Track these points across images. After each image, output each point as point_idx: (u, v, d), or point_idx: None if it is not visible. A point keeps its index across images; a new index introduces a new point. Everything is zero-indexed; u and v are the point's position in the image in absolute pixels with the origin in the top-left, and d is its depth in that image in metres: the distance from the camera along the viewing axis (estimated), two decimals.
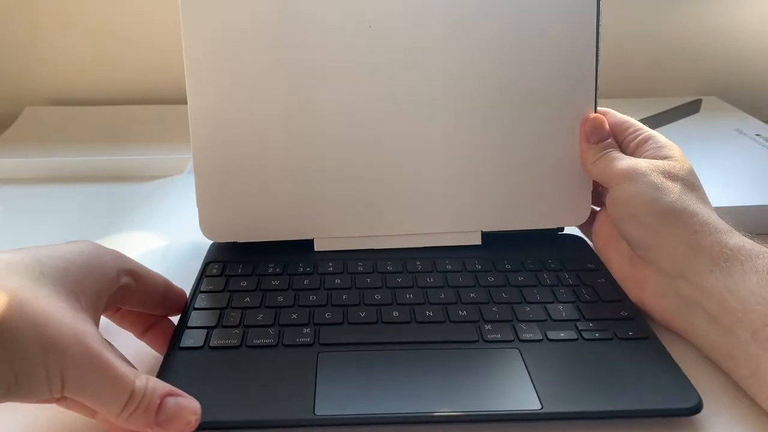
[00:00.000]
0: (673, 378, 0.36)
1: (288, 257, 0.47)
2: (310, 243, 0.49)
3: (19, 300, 0.27)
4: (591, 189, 0.49)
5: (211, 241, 0.49)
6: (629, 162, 0.44)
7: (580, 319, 0.41)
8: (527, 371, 0.37)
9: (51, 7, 0.79)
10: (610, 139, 0.47)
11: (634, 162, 0.44)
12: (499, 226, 0.49)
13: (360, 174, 0.48)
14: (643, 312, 0.43)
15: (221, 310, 0.42)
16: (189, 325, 0.40)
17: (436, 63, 0.47)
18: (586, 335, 0.40)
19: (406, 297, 0.43)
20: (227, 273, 0.46)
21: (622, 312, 0.42)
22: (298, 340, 0.39)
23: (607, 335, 0.40)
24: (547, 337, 0.39)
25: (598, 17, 0.47)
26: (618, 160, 0.45)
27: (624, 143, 0.47)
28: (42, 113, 0.81)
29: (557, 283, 0.45)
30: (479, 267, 0.47)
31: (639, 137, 0.46)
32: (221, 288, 0.44)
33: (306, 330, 0.40)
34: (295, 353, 0.38)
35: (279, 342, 0.39)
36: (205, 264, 0.47)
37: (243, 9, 0.45)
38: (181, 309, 0.41)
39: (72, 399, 0.28)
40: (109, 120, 0.79)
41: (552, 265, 0.47)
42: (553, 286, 0.45)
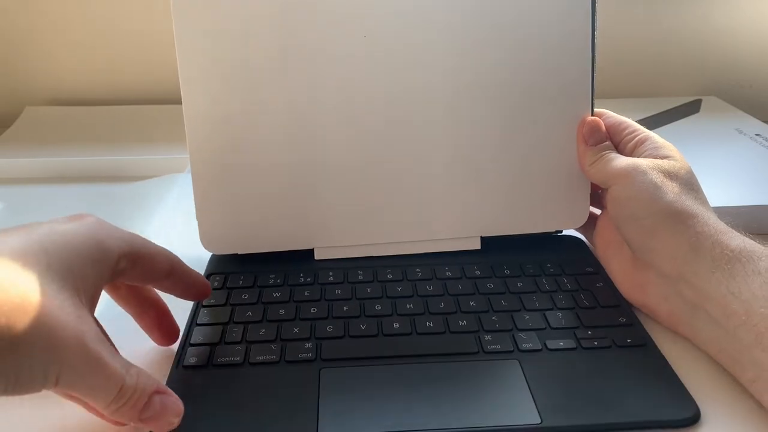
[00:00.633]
0: (671, 388, 0.37)
1: (288, 267, 0.48)
2: (310, 251, 0.49)
3: (28, 302, 0.27)
4: (589, 191, 0.49)
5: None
6: (628, 161, 0.44)
7: (578, 327, 0.42)
8: (527, 384, 0.37)
9: (51, 8, 0.79)
10: (607, 141, 0.47)
11: (633, 161, 0.43)
12: (499, 230, 0.49)
13: (359, 182, 0.48)
14: (648, 316, 0.43)
15: (223, 325, 0.42)
16: (192, 342, 0.40)
17: (433, 69, 0.46)
18: (584, 344, 0.40)
19: (406, 307, 0.43)
20: (228, 285, 0.46)
21: (620, 318, 0.42)
22: (300, 356, 0.39)
23: (606, 343, 0.40)
24: (547, 347, 0.40)
25: (593, 21, 0.46)
26: (616, 160, 0.44)
27: (621, 144, 0.47)
28: (42, 113, 0.81)
29: (556, 289, 0.45)
30: (479, 273, 0.47)
31: (636, 138, 0.46)
32: (223, 302, 0.44)
33: (308, 345, 0.40)
34: (298, 370, 0.38)
35: (281, 358, 0.39)
36: (206, 276, 0.47)
37: (236, 12, 0.45)
38: (199, 296, 0.40)
39: (61, 390, 0.29)
40: (109, 120, 0.79)
41: (551, 270, 0.47)
42: (552, 291, 0.45)
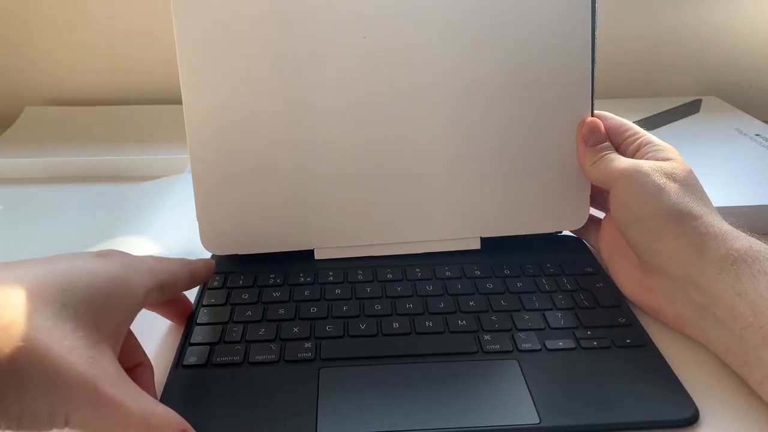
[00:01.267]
0: (670, 388, 0.37)
1: (288, 266, 0.48)
2: (310, 251, 0.49)
3: (36, 344, 0.27)
4: (589, 192, 0.49)
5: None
6: (630, 162, 0.44)
7: (578, 327, 0.42)
8: (526, 383, 0.37)
9: (51, 8, 0.79)
10: (607, 142, 0.47)
11: (635, 162, 0.43)
12: (498, 231, 0.49)
13: (359, 182, 0.48)
14: (655, 318, 0.43)
15: (223, 324, 0.42)
16: (192, 342, 0.40)
17: (433, 69, 0.46)
18: (584, 344, 0.40)
19: (405, 307, 0.43)
20: (228, 285, 0.46)
21: (619, 318, 0.42)
22: (299, 355, 0.39)
23: (605, 343, 0.40)
24: (546, 347, 0.40)
25: (593, 21, 0.46)
26: (617, 160, 0.44)
27: (623, 146, 0.47)
28: (42, 113, 0.81)
29: (555, 289, 0.45)
30: (478, 273, 0.47)
31: (638, 140, 0.46)
32: (223, 301, 0.44)
33: (307, 344, 0.40)
34: (297, 369, 0.38)
35: (281, 358, 0.39)
36: None
37: (236, 12, 0.45)
38: (206, 279, 0.43)
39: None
40: (109, 120, 0.79)
41: (550, 270, 0.47)
42: (552, 292, 0.45)
